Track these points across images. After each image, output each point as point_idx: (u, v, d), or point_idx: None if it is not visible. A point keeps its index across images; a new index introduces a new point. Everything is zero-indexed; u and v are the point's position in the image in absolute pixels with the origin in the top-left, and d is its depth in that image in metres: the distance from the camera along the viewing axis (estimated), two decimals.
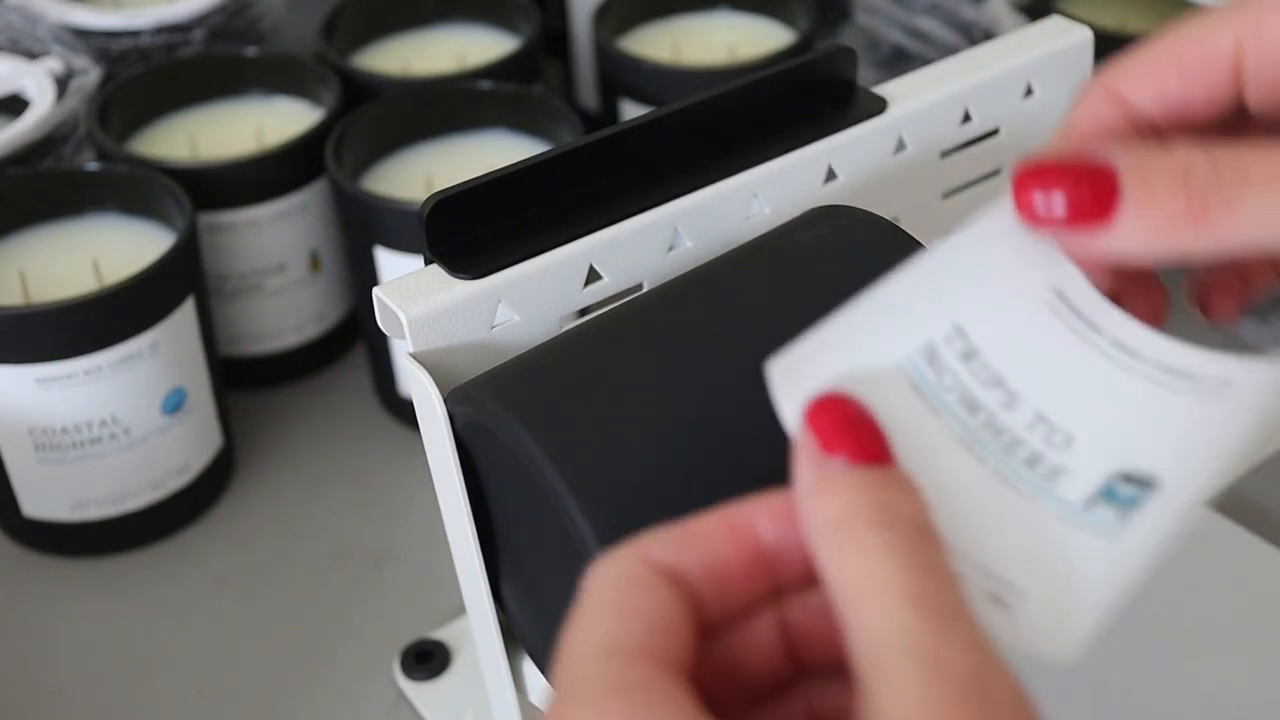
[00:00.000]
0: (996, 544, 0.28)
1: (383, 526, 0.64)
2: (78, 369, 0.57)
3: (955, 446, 0.30)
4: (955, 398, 0.30)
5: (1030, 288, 0.32)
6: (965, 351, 0.31)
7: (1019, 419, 0.30)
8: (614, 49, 0.72)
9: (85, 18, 0.75)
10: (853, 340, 0.31)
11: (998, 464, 0.29)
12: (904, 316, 0.31)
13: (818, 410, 0.29)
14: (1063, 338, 0.31)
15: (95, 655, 0.59)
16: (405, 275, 0.43)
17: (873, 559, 0.27)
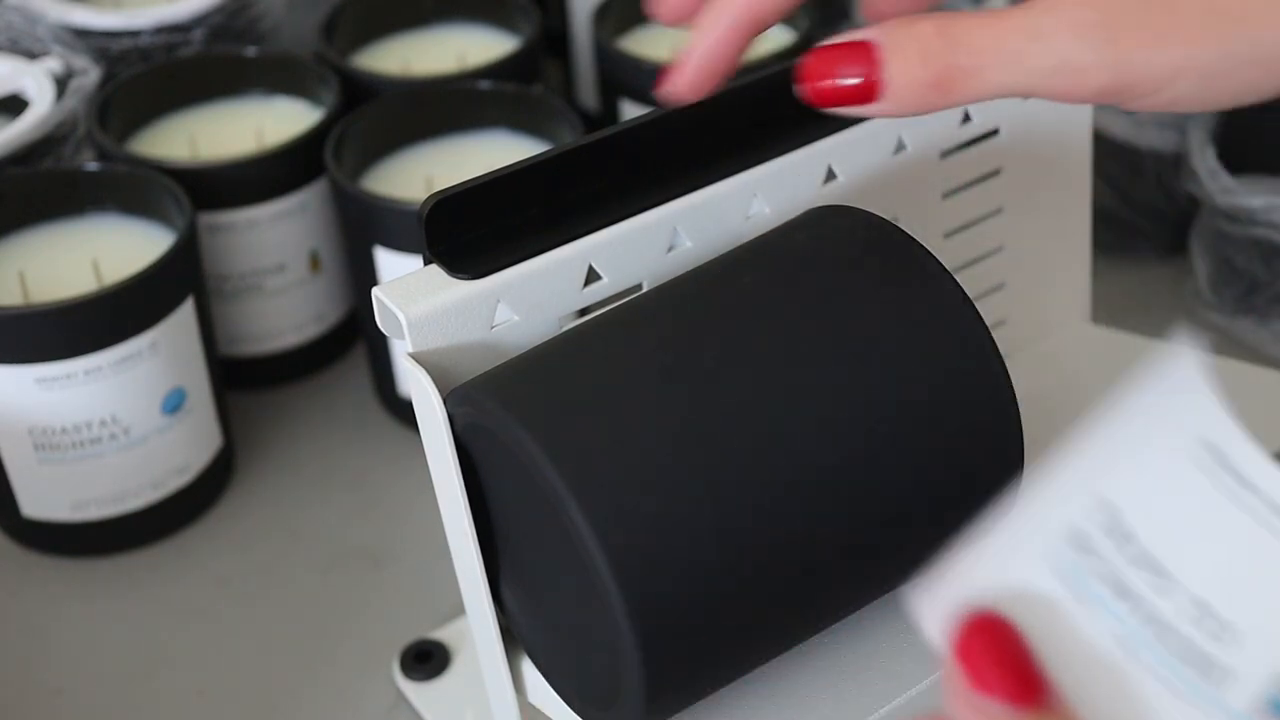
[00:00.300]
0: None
1: (383, 526, 0.64)
2: (78, 369, 0.57)
3: (1113, 651, 0.27)
4: (1105, 586, 0.28)
5: (1176, 443, 0.28)
6: (1113, 528, 0.28)
7: (1176, 607, 0.27)
8: (614, 49, 0.72)
9: (85, 18, 0.75)
10: (996, 543, 0.29)
11: (1159, 669, 0.27)
12: (1048, 502, 0.29)
13: (968, 638, 0.27)
14: (1212, 500, 0.28)
15: (95, 655, 0.59)
16: (405, 275, 0.43)
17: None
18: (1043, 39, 0.35)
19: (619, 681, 0.39)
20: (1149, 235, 0.74)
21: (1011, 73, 0.36)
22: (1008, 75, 0.36)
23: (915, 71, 0.36)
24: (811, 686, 0.44)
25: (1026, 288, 0.57)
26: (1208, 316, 0.71)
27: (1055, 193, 0.57)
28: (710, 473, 0.38)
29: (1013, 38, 0.36)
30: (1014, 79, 0.36)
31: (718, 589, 0.38)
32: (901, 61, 0.37)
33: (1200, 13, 0.35)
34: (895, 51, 0.37)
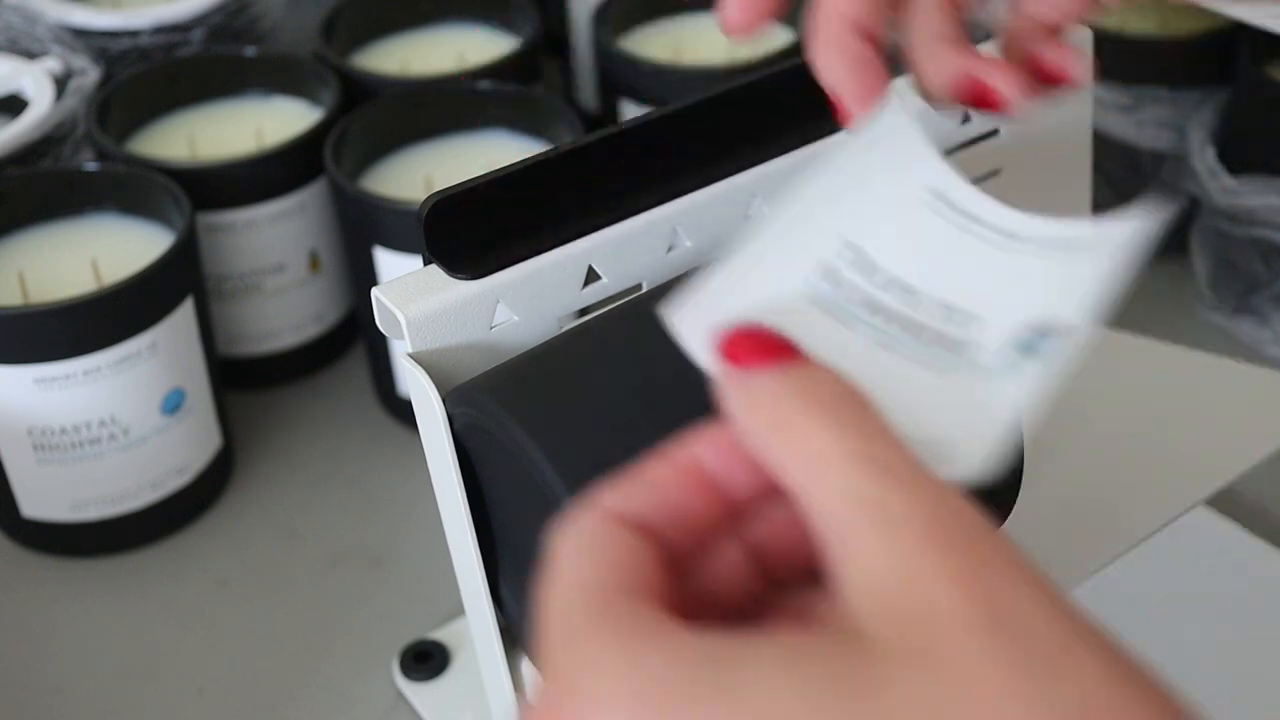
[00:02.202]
0: (921, 415, 0.30)
1: (383, 526, 0.64)
2: (77, 369, 0.57)
3: (873, 349, 0.32)
4: (862, 308, 0.32)
5: (908, 192, 0.34)
6: (860, 264, 0.33)
7: (926, 313, 0.32)
8: (614, 49, 0.72)
9: (84, 18, 0.75)
10: (750, 275, 0.33)
11: (916, 353, 0.31)
12: (793, 244, 0.33)
13: (728, 341, 0.30)
14: (947, 233, 0.34)
15: (95, 655, 0.59)
16: (404, 275, 0.43)
17: (812, 439, 0.27)
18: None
19: None
20: None
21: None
22: None
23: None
24: None
25: None
26: (1208, 316, 0.71)
27: (1055, 193, 0.56)
28: None
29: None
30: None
31: None
32: None
33: None
34: None
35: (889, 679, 0.24)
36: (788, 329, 0.31)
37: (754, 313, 0.31)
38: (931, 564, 0.25)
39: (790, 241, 0.33)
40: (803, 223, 0.34)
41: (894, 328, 0.32)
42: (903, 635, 0.24)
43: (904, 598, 0.24)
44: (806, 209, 0.34)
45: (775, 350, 0.30)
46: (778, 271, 0.33)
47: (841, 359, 0.31)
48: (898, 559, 0.25)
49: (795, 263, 0.33)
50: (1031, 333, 0.31)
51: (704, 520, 0.29)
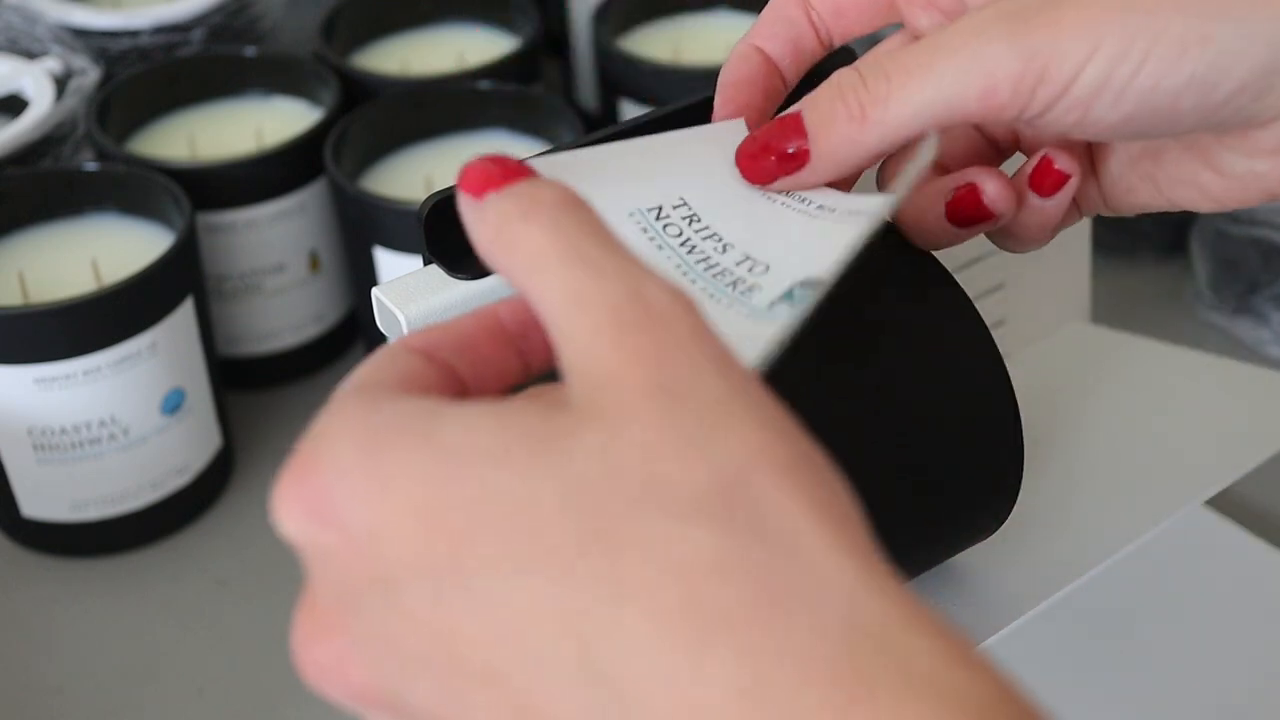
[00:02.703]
0: None
1: None
2: (77, 369, 0.57)
3: (671, 271, 0.36)
4: (677, 243, 0.37)
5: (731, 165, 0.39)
6: (688, 215, 0.37)
7: (730, 259, 0.36)
8: (614, 49, 0.72)
9: (84, 18, 0.75)
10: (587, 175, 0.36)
11: (706, 285, 0.36)
12: (633, 183, 0.38)
13: (467, 173, 0.32)
14: (765, 204, 0.38)
15: (95, 655, 0.59)
16: (404, 275, 0.43)
17: (530, 244, 0.29)
18: (950, 43, 0.36)
19: None
20: (1149, 235, 0.74)
21: (924, 84, 0.36)
22: (922, 88, 0.36)
23: (831, 110, 0.37)
24: None
25: (1026, 288, 0.57)
26: (1208, 316, 0.71)
27: None
28: None
29: (920, 53, 0.37)
30: (929, 90, 0.36)
31: None
32: (816, 109, 0.38)
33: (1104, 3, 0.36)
34: (811, 107, 0.38)
35: (574, 434, 0.27)
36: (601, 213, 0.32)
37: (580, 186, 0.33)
38: (618, 341, 0.27)
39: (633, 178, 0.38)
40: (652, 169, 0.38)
41: (699, 266, 0.36)
42: (593, 400, 0.27)
43: (600, 372, 0.27)
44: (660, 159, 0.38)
45: (508, 172, 0.31)
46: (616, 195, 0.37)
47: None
48: (599, 340, 0.28)
49: (633, 195, 0.37)
50: (798, 286, 0.35)
51: (495, 366, 0.32)
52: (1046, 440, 0.51)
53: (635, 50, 0.72)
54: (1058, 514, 0.48)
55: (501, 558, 0.26)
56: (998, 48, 0.36)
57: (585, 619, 0.25)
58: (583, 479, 0.26)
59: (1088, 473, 0.50)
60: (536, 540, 0.26)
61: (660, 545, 0.25)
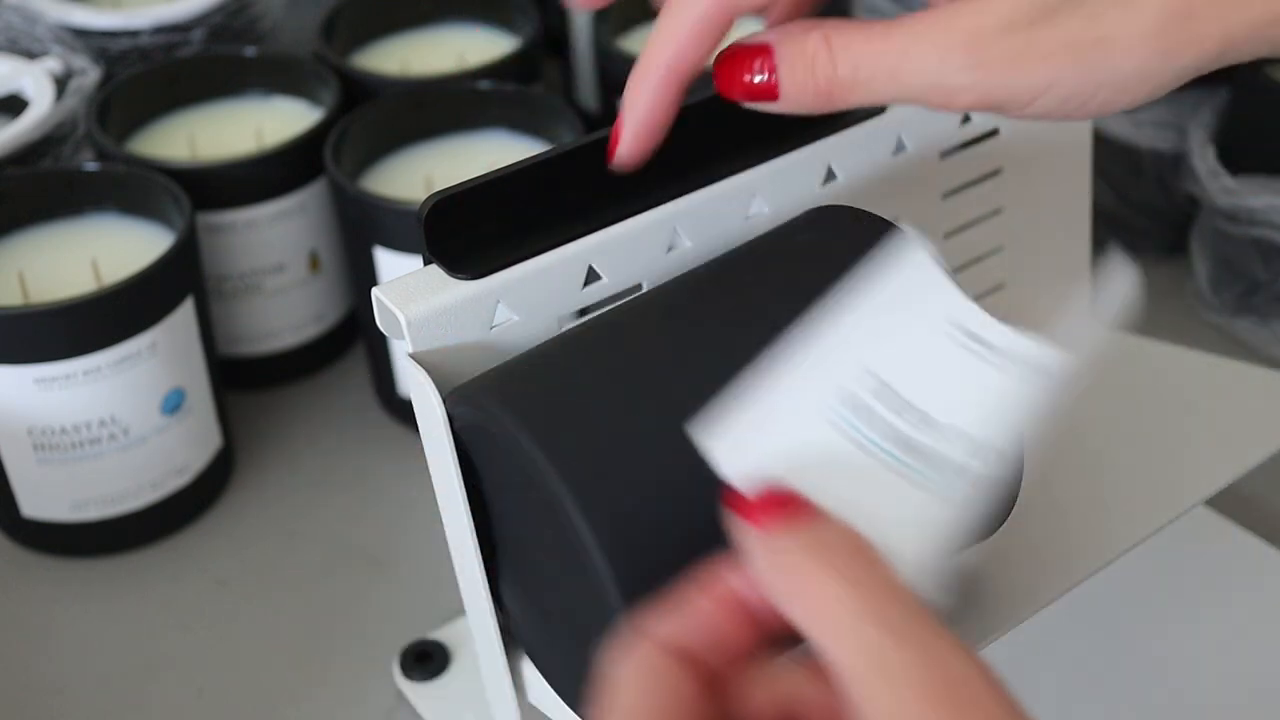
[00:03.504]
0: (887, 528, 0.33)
1: (383, 526, 0.64)
2: (77, 369, 0.57)
3: (878, 470, 0.34)
4: (877, 432, 0.35)
5: (927, 323, 0.37)
6: (875, 388, 0.36)
7: (920, 431, 0.35)
8: (614, 49, 0.72)
9: (84, 18, 0.75)
10: (778, 401, 0.36)
11: (905, 469, 0.34)
12: (819, 370, 0.36)
13: (747, 503, 0.33)
14: (942, 348, 0.37)
15: (95, 655, 0.59)
16: (404, 275, 0.43)
17: (822, 598, 0.30)
18: (915, 60, 0.39)
19: None
20: (1149, 235, 0.74)
21: (887, 87, 0.39)
22: (884, 89, 0.39)
23: (803, 79, 0.40)
24: None
25: (1026, 288, 0.57)
26: (1208, 316, 0.71)
27: (1055, 193, 0.57)
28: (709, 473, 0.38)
29: (888, 57, 0.39)
30: (890, 92, 0.40)
31: None
32: (790, 70, 0.40)
33: (1060, 43, 0.38)
34: (785, 61, 0.40)
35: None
36: (806, 465, 0.34)
37: (778, 448, 0.34)
38: (924, 714, 0.28)
39: (816, 368, 0.36)
40: (828, 349, 0.37)
41: (896, 449, 0.35)
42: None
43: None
44: (832, 336, 0.37)
45: (790, 508, 0.33)
46: (803, 397, 0.36)
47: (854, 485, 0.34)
48: (897, 709, 0.28)
49: (820, 389, 0.36)
50: (979, 453, 0.34)
51: (741, 645, 0.33)
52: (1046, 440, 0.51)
53: (635, 50, 0.72)
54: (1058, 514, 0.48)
55: None
56: (956, 78, 0.38)
57: None
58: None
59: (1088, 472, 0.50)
60: None
61: None
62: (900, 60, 0.39)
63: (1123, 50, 0.38)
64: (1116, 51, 0.38)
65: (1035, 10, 0.38)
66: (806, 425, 0.35)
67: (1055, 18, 0.38)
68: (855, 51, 0.39)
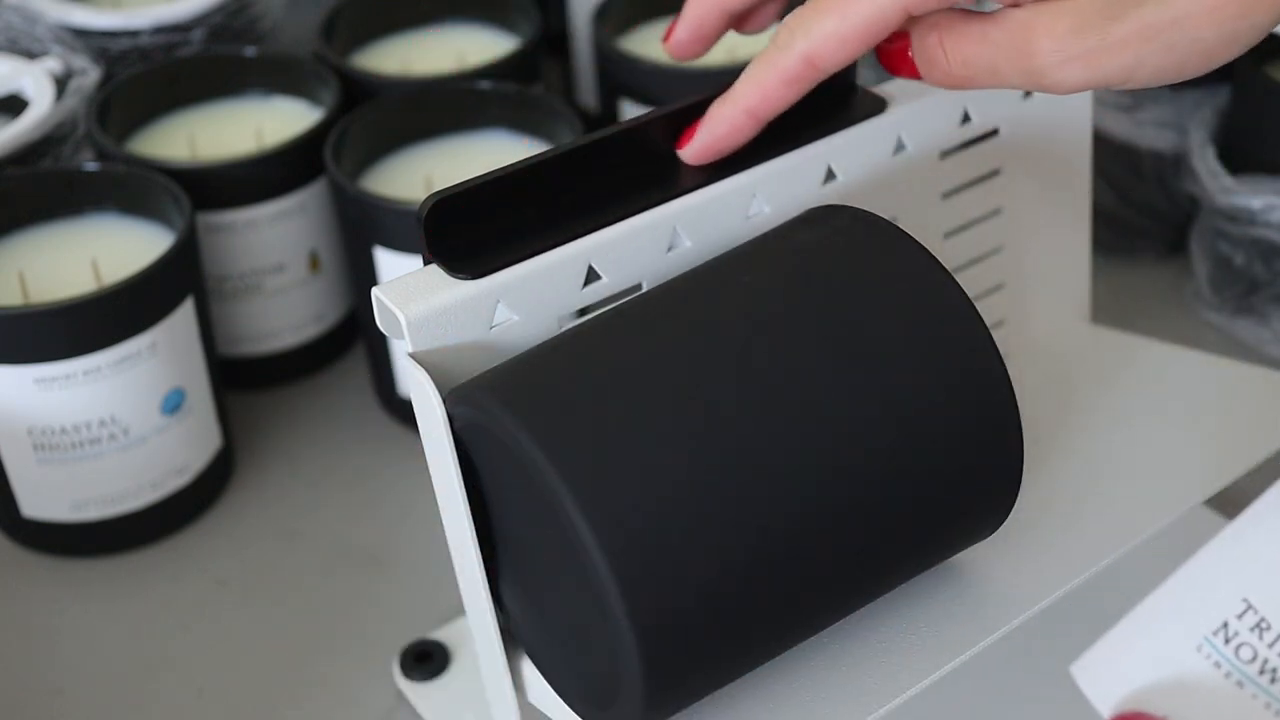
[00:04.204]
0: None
1: (383, 526, 0.64)
2: (77, 369, 0.57)
3: (1262, 714, 0.32)
4: (1255, 670, 0.33)
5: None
6: (1257, 624, 0.33)
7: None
8: (614, 49, 0.72)
9: (84, 18, 0.75)
10: (1152, 628, 0.34)
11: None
12: (1195, 597, 0.34)
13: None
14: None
15: (95, 655, 0.59)
16: (404, 275, 0.43)
17: None
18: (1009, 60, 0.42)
19: (618, 682, 0.39)
20: (1149, 235, 0.74)
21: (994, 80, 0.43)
22: (992, 82, 0.43)
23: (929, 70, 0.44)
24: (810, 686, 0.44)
25: (1026, 288, 0.57)
26: (1208, 316, 0.71)
27: (1055, 193, 0.56)
28: (710, 473, 0.38)
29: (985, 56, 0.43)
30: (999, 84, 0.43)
31: (717, 590, 0.38)
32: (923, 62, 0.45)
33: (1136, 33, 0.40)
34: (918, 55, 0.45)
35: None
36: (1178, 700, 0.32)
37: (1149, 680, 0.33)
38: None
39: (1193, 594, 0.35)
40: (1207, 575, 0.35)
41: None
42: None
43: None
44: (1213, 561, 0.35)
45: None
46: (1177, 626, 0.34)
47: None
48: None
49: (1194, 618, 0.34)
50: None
51: None
52: (1047, 440, 0.51)
53: (635, 50, 0.72)
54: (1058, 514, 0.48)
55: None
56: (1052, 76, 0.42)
57: None
58: None
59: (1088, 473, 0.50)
60: None
61: None
62: (996, 57, 0.42)
63: (1198, 24, 0.40)
64: (1192, 27, 0.40)
65: (1107, 7, 0.40)
66: (1176, 650, 0.33)
67: (1126, 11, 0.40)
68: (964, 51, 0.43)
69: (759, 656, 0.42)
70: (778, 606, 0.40)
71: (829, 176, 0.48)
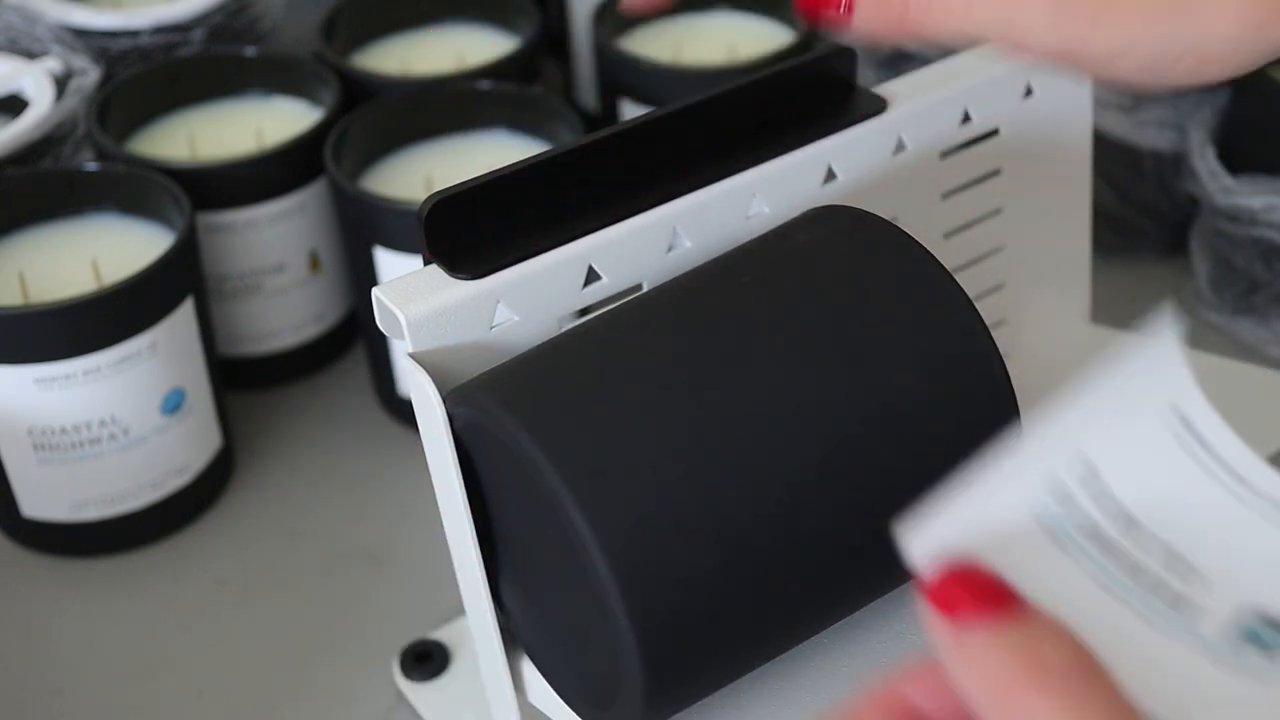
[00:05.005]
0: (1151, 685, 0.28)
1: (383, 526, 0.64)
2: (77, 369, 0.57)
3: (1093, 588, 0.29)
4: (1089, 540, 0.30)
5: (1157, 421, 0.31)
6: (1091, 484, 0.31)
7: (1154, 557, 0.30)
8: (614, 49, 0.72)
9: (84, 18, 0.75)
10: (983, 486, 0.31)
11: (1137, 603, 0.29)
12: (1033, 456, 0.31)
13: (941, 585, 0.29)
14: (1187, 469, 0.31)
15: (95, 655, 0.59)
16: (404, 275, 0.43)
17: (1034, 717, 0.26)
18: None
19: (618, 681, 0.39)
20: (1149, 235, 0.74)
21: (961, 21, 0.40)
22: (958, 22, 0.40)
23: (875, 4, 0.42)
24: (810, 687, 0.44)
25: (1026, 288, 0.57)
26: (1208, 316, 0.71)
27: (1055, 193, 0.57)
28: (710, 473, 0.38)
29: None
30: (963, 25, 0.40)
31: (717, 589, 0.38)
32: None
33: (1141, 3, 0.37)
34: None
35: None
36: (1007, 556, 0.29)
37: (975, 533, 0.30)
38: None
39: (1030, 450, 0.31)
40: (1046, 433, 0.32)
41: (1113, 564, 0.30)
42: None
43: None
44: (1054, 421, 0.32)
45: (992, 598, 0.28)
46: (1010, 479, 0.31)
47: (1061, 597, 0.29)
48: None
49: (1029, 472, 0.31)
50: (1260, 622, 0.29)
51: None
52: None
53: (635, 50, 0.72)
54: None
55: None
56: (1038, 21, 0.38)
57: None
58: None
59: None
60: None
61: None
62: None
63: (1209, 17, 0.37)
64: (1202, 17, 0.37)
65: None
66: (1006, 504, 0.30)
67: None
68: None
69: (759, 656, 0.42)
70: (778, 605, 0.40)
71: (829, 176, 0.48)
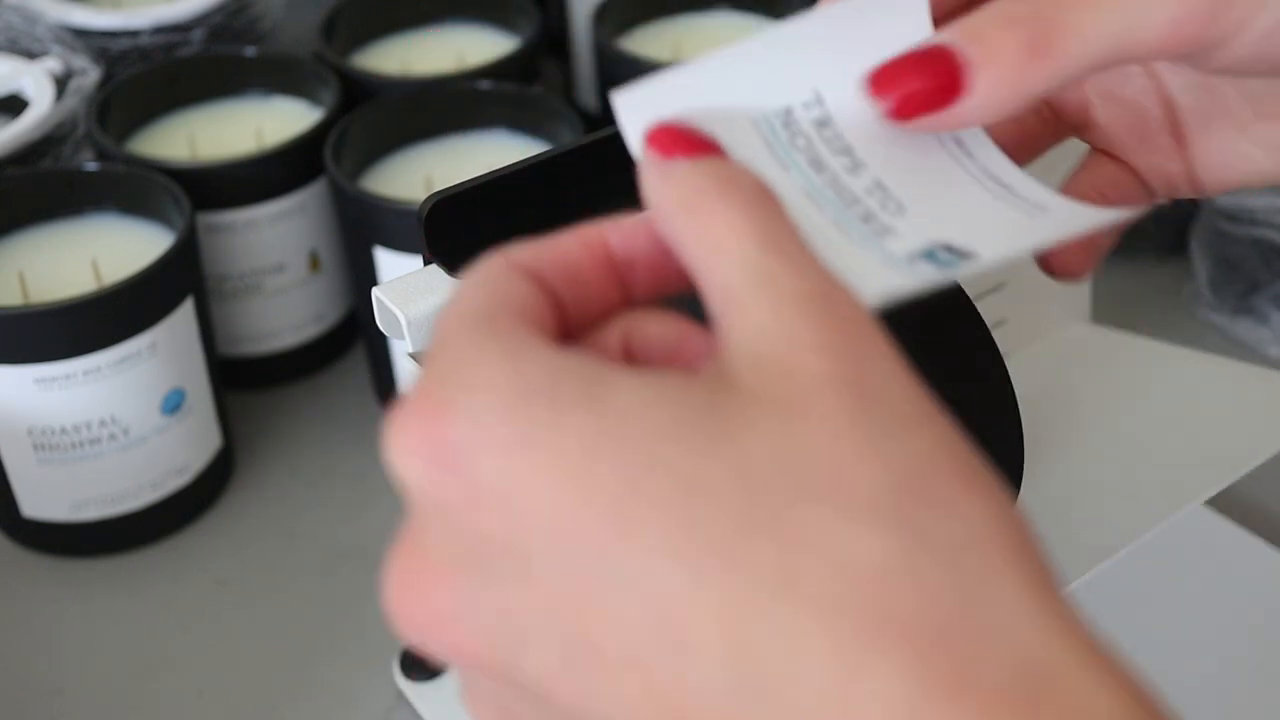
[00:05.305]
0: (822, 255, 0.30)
1: (383, 526, 0.63)
2: (77, 369, 0.57)
3: (798, 195, 0.32)
4: (804, 158, 0.32)
5: (884, 45, 0.33)
6: (820, 119, 0.33)
7: (860, 183, 0.32)
8: (614, 49, 0.72)
9: (84, 18, 0.75)
10: (711, 83, 0.33)
11: (836, 215, 0.31)
12: (768, 74, 0.33)
13: (656, 132, 0.31)
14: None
15: (95, 655, 0.59)
16: (404, 275, 0.43)
17: (717, 218, 0.28)
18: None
19: None
20: (1149, 235, 0.74)
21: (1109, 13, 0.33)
22: (1103, 18, 0.32)
23: (1000, 41, 0.32)
24: None
25: (1026, 288, 0.57)
26: (1208, 316, 0.71)
27: None
28: None
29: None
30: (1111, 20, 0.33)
31: None
32: (980, 40, 0.32)
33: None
34: (974, 35, 0.33)
35: (750, 419, 0.25)
36: (725, 142, 0.31)
37: (697, 116, 0.32)
38: (810, 334, 0.26)
39: (768, 68, 0.33)
40: (782, 55, 0.34)
41: (828, 188, 0.32)
42: (770, 387, 0.26)
43: (778, 358, 0.26)
44: (791, 42, 0.34)
45: (700, 146, 0.31)
46: (739, 91, 0.33)
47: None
48: (780, 325, 0.26)
49: (764, 92, 0.33)
50: (946, 253, 0.31)
51: (598, 294, 0.30)
52: (1046, 440, 0.51)
53: (635, 50, 0.72)
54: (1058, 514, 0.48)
55: (658, 534, 0.24)
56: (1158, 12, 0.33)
57: (741, 607, 0.24)
58: (756, 465, 0.25)
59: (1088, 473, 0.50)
60: (699, 520, 0.24)
61: (831, 542, 0.24)
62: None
63: None
64: None
65: None
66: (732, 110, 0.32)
67: None
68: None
69: None
70: None
71: None
